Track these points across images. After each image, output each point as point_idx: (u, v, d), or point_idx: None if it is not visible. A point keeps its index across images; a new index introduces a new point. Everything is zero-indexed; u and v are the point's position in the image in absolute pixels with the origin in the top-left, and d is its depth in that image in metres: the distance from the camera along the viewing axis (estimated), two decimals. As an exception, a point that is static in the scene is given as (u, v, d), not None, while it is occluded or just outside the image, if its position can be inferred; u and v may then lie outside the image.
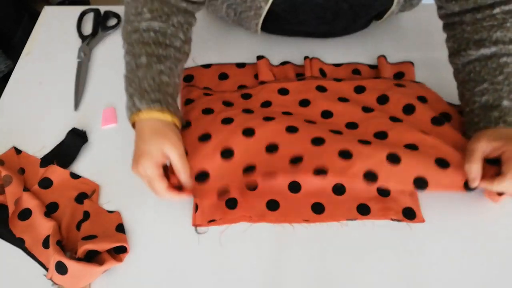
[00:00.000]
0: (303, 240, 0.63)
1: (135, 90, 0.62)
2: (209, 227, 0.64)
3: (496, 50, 0.64)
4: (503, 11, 0.64)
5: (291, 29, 0.84)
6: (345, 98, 0.74)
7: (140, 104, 0.61)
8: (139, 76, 0.63)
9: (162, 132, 0.61)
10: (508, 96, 0.62)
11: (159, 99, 0.61)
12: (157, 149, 0.59)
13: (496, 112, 0.62)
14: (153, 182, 0.60)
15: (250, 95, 0.76)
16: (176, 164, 0.61)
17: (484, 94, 0.64)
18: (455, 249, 0.62)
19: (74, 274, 0.58)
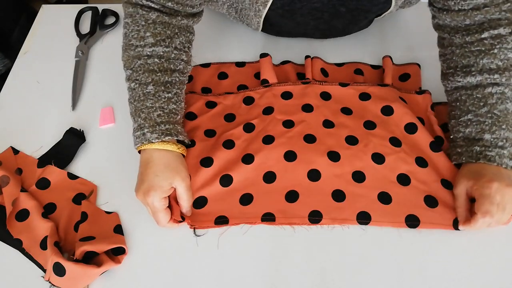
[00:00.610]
0: (302, 243, 0.63)
1: (145, 121, 0.63)
2: (208, 230, 0.64)
3: (481, 79, 0.64)
4: (491, 35, 0.63)
5: (289, 31, 0.84)
6: (349, 109, 0.74)
7: (151, 136, 0.62)
8: (147, 106, 0.64)
9: (173, 166, 0.63)
10: (490, 129, 0.63)
11: (170, 131, 0.64)
12: (168, 184, 0.61)
13: (478, 146, 0.63)
14: (158, 213, 0.61)
15: (252, 99, 0.76)
16: (182, 196, 0.63)
17: (468, 126, 0.65)
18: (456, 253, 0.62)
19: (72, 276, 0.57)
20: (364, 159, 0.67)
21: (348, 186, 0.66)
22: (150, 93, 0.64)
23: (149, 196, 0.60)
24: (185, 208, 0.64)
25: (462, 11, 0.64)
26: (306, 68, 0.79)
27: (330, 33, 0.84)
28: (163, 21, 0.66)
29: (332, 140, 0.69)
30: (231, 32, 0.89)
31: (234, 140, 0.70)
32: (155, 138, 0.62)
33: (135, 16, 0.66)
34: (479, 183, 0.61)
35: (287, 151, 0.68)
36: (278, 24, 0.81)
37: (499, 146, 0.62)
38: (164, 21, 0.66)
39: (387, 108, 0.73)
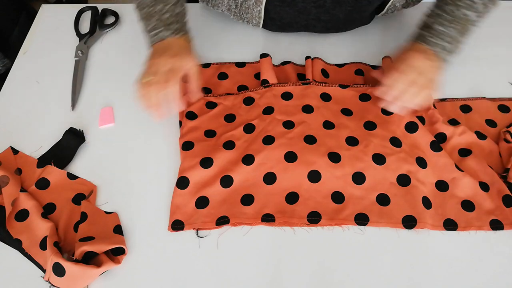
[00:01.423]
0: (303, 243, 0.63)
1: (158, 22, 0.71)
2: (210, 231, 0.64)
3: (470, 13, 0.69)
4: None
5: (290, 21, 0.83)
6: (349, 110, 0.74)
7: (165, 34, 0.71)
8: (158, 10, 0.71)
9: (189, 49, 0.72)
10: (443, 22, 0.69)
11: (180, 29, 0.72)
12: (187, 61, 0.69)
13: (425, 31, 0.71)
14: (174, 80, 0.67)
15: (252, 99, 0.76)
16: (194, 76, 0.70)
17: (429, 17, 0.72)
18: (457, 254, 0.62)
19: (72, 276, 0.57)
20: (364, 160, 0.67)
21: (348, 188, 0.66)
22: None
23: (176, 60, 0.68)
24: (195, 88, 0.71)
25: None
26: (307, 69, 0.79)
27: (332, 25, 0.83)
28: None
29: (332, 141, 0.69)
30: (231, 32, 0.89)
31: (235, 141, 0.70)
32: (169, 35, 0.71)
33: None
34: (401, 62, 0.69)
35: (287, 152, 0.68)
36: (279, 15, 0.80)
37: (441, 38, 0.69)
38: None
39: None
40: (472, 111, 0.76)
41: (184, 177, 0.67)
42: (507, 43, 0.86)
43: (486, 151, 0.70)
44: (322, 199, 0.65)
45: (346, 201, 0.65)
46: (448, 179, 0.67)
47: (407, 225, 0.63)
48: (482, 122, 0.74)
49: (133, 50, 0.87)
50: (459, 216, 0.64)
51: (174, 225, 0.64)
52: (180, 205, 0.65)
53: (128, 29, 0.91)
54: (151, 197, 0.67)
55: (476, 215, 0.64)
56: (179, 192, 0.66)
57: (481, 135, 0.72)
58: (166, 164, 0.70)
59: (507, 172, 0.67)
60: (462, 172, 0.67)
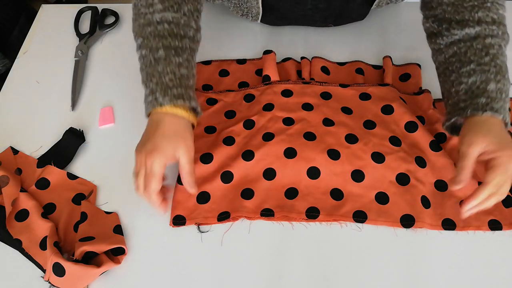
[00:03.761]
0: (301, 239, 0.63)
1: (157, 85, 0.62)
2: (211, 226, 0.64)
3: (480, 30, 0.63)
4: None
5: (288, 11, 0.83)
6: (349, 109, 0.74)
7: (163, 100, 0.61)
8: (159, 70, 0.63)
9: (181, 133, 0.61)
10: (495, 78, 0.61)
11: (182, 95, 0.62)
12: (172, 149, 0.60)
13: (483, 98, 0.60)
14: (152, 179, 0.59)
15: (253, 96, 0.76)
16: (184, 167, 0.61)
17: (471, 75, 0.62)
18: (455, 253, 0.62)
19: (72, 276, 0.57)
20: (364, 158, 0.67)
21: (347, 185, 0.66)
22: (161, 58, 0.63)
23: (151, 157, 0.58)
24: (185, 180, 0.62)
25: None
26: (303, 68, 0.79)
27: (329, 13, 0.82)
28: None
29: (332, 139, 0.69)
30: (231, 29, 0.89)
31: (234, 137, 0.70)
32: (167, 101, 0.61)
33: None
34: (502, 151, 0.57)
35: (287, 148, 0.68)
36: (277, 5, 0.80)
37: (503, 99, 0.60)
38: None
39: (387, 107, 0.73)
40: None
41: None
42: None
43: None
44: (321, 195, 0.66)
45: (345, 198, 0.65)
46: (447, 178, 0.67)
47: (405, 224, 0.63)
48: None
49: (133, 50, 0.86)
50: (458, 216, 0.64)
51: (175, 220, 0.64)
52: (181, 201, 0.65)
53: (128, 29, 0.90)
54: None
55: (475, 215, 0.63)
56: (180, 187, 0.66)
57: None
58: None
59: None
60: None
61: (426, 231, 0.63)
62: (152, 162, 0.58)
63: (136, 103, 0.78)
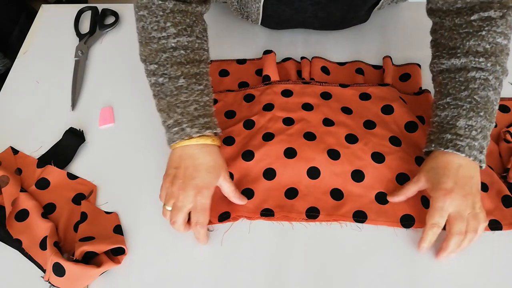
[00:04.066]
0: (305, 240, 0.63)
1: (182, 116, 0.62)
2: (213, 226, 0.64)
3: (466, 61, 0.61)
4: (481, 17, 0.60)
5: (288, 18, 0.83)
6: (349, 109, 0.74)
7: (191, 131, 0.61)
8: (182, 100, 0.62)
9: (219, 163, 0.63)
10: (467, 115, 0.60)
11: (209, 124, 0.62)
12: (216, 181, 0.61)
13: (449, 134, 0.60)
14: (205, 213, 0.60)
15: (253, 96, 0.76)
16: (229, 190, 0.63)
17: (445, 109, 0.62)
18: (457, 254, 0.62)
19: (72, 276, 0.57)
20: (364, 158, 0.68)
21: (347, 185, 0.66)
22: (182, 87, 0.62)
23: (201, 194, 0.59)
24: (235, 199, 0.63)
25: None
26: (303, 68, 0.80)
27: (329, 21, 0.83)
28: (180, 9, 0.64)
29: (332, 139, 0.69)
30: (231, 29, 0.89)
31: (234, 137, 0.71)
32: (195, 132, 0.61)
33: (151, 7, 0.63)
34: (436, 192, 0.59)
35: (287, 148, 0.68)
36: (276, 13, 0.80)
37: (472, 136, 0.59)
38: (182, 9, 0.64)
39: (387, 107, 0.73)
40: None
41: None
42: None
43: (487, 152, 0.70)
44: (321, 195, 0.66)
45: (345, 198, 0.65)
46: None
47: (405, 224, 0.63)
48: None
49: (133, 50, 0.86)
50: None
51: None
52: None
53: (128, 29, 0.91)
54: (151, 197, 0.67)
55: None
56: None
57: None
58: (166, 163, 0.70)
59: (507, 172, 0.67)
60: None
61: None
62: (202, 198, 0.60)
63: (136, 103, 0.78)
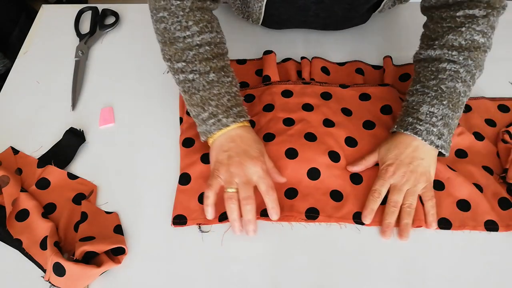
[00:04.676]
0: (304, 240, 0.63)
1: (217, 108, 0.65)
2: (211, 226, 0.64)
3: (440, 53, 0.66)
4: (465, 14, 0.64)
5: (289, 17, 0.83)
6: (349, 110, 0.74)
7: (227, 121, 0.64)
8: (215, 93, 0.65)
9: (256, 137, 0.67)
10: (431, 102, 0.64)
11: (242, 113, 0.66)
12: (262, 149, 0.65)
13: (411, 118, 0.65)
14: (268, 176, 0.63)
15: (253, 96, 0.76)
16: (271, 167, 0.66)
17: (413, 95, 0.67)
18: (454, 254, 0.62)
19: (72, 276, 0.57)
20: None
21: (347, 187, 0.66)
22: (213, 81, 0.65)
23: (260, 161, 0.63)
24: (277, 174, 0.65)
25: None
26: (303, 69, 0.80)
27: (330, 21, 0.83)
28: (198, 7, 0.66)
29: (332, 140, 0.69)
30: (231, 29, 0.89)
31: None
32: (231, 122, 0.64)
33: (170, 8, 0.65)
34: (381, 164, 0.66)
35: (288, 149, 0.68)
36: (278, 11, 0.80)
37: (431, 122, 0.63)
38: (199, 7, 0.66)
39: (386, 107, 0.74)
40: (472, 111, 0.76)
41: (185, 174, 0.68)
42: (507, 43, 0.86)
43: (484, 152, 0.70)
44: (321, 196, 0.66)
45: (344, 200, 0.65)
46: (443, 178, 0.67)
47: None
48: (482, 122, 0.74)
49: (133, 50, 0.87)
50: (454, 215, 0.64)
51: (176, 219, 0.64)
52: (182, 201, 0.65)
53: (128, 29, 0.91)
54: (151, 197, 0.67)
55: (471, 215, 0.64)
56: (181, 188, 0.66)
57: (479, 136, 0.72)
58: (167, 163, 0.70)
59: (505, 173, 0.67)
60: (455, 172, 0.67)
61: (424, 232, 0.63)
62: (263, 164, 0.63)
63: (136, 103, 0.78)
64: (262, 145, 0.66)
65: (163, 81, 0.81)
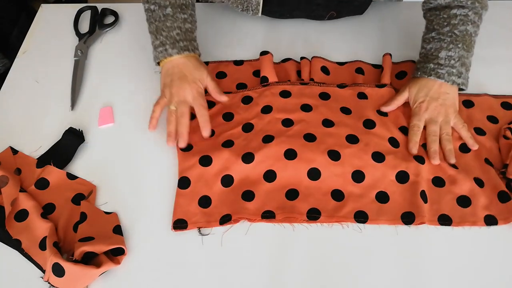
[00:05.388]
0: (306, 241, 0.63)
1: (166, 39, 0.73)
2: (211, 229, 0.64)
3: (449, 1, 0.72)
4: None
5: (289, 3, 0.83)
6: (348, 109, 0.74)
7: (172, 51, 0.73)
8: (168, 25, 0.73)
9: (202, 64, 0.75)
10: (448, 47, 0.71)
11: (188, 47, 0.74)
12: (204, 77, 0.73)
13: (432, 64, 0.72)
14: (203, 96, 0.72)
15: (251, 98, 0.76)
16: (212, 86, 0.74)
17: (430, 43, 0.74)
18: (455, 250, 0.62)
19: (71, 276, 0.57)
20: (364, 158, 0.67)
21: (347, 186, 0.66)
22: (169, 15, 0.74)
23: (196, 84, 0.72)
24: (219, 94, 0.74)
25: None
26: (302, 69, 0.79)
27: (328, 6, 0.84)
28: None
29: (332, 139, 0.69)
30: (229, 28, 0.89)
31: (233, 140, 0.70)
32: (175, 53, 0.72)
33: None
34: (414, 103, 0.73)
35: (287, 150, 0.68)
36: None
37: (451, 65, 0.71)
38: None
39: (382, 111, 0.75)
40: (474, 107, 0.76)
41: (185, 177, 0.67)
42: (511, 42, 0.86)
43: (486, 147, 0.71)
44: (321, 196, 0.65)
45: (345, 199, 0.65)
46: (445, 176, 0.67)
47: (406, 221, 0.63)
48: (483, 118, 0.75)
49: (133, 50, 0.86)
50: (454, 211, 0.64)
51: (176, 224, 0.64)
52: (182, 205, 0.65)
53: (127, 29, 0.91)
54: (151, 197, 0.67)
55: (471, 210, 0.64)
56: (181, 192, 0.66)
57: (480, 132, 0.72)
58: (166, 163, 0.70)
59: (506, 168, 0.67)
60: (457, 170, 0.67)
61: (426, 230, 0.63)
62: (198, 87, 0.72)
63: (136, 103, 0.78)
64: (202, 70, 0.73)
65: (163, 81, 0.81)
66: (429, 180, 0.67)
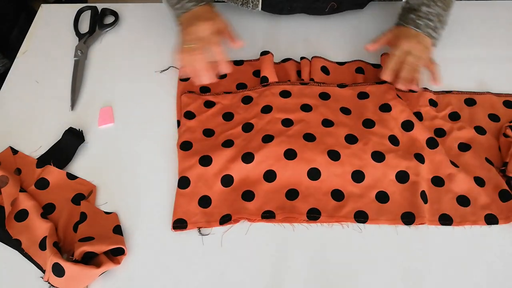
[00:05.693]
0: (306, 241, 0.63)
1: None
2: (211, 229, 0.64)
3: None
4: None
5: None
6: (348, 109, 0.74)
7: (188, 4, 0.75)
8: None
9: (215, 8, 0.77)
10: (429, 4, 0.76)
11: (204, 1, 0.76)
12: (215, 16, 0.75)
13: (413, 14, 0.76)
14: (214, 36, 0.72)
15: (251, 98, 0.76)
16: (230, 30, 0.76)
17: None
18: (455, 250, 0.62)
19: (71, 277, 0.57)
20: (364, 158, 0.67)
21: (347, 186, 0.66)
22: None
23: (212, 22, 0.72)
24: (232, 36, 0.76)
25: None
26: (302, 69, 0.79)
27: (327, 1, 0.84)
28: None
29: (331, 139, 0.69)
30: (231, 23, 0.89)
31: (233, 140, 0.70)
32: (192, 5, 0.75)
33: None
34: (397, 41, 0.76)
35: (287, 149, 0.68)
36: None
37: (429, 19, 0.76)
38: None
39: (385, 105, 0.73)
40: (476, 105, 0.76)
41: (185, 177, 0.67)
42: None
43: (485, 146, 0.71)
44: (321, 196, 0.65)
45: (345, 199, 0.65)
46: (444, 175, 0.67)
47: (406, 221, 0.63)
48: (485, 116, 0.75)
49: (133, 50, 0.86)
50: (454, 211, 0.64)
51: (176, 223, 0.64)
52: (182, 205, 0.65)
53: (127, 29, 0.90)
54: (150, 197, 0.67)
55: (471, 210, 0.64)
56: (181, 192, 0.66)
57: (481, 130, 0.72)
58: (166, 163, 0.70)
59: (505, 166, 0.68)
60: (457, 168, 0.67)
61: (426, 230, 0.63)
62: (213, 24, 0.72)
63: (136, 103, 0.78)
64: (217, 14, 0.75)
65: (163, 81, 0.81)
66: (428, 180, 0.67)
